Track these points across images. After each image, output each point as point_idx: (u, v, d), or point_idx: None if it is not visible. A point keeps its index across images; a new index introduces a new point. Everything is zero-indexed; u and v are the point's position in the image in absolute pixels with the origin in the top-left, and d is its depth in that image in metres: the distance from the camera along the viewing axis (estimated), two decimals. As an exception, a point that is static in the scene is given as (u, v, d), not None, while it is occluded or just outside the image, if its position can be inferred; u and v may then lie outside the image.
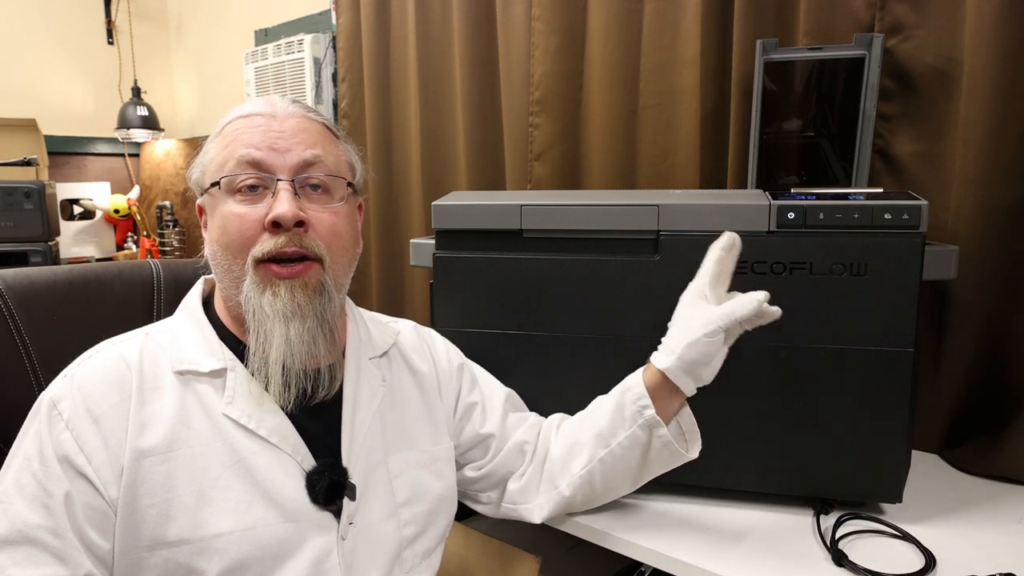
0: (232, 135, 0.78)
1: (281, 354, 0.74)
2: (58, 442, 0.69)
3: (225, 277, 0.77)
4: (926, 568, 0.80)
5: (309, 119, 0.81)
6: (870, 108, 1.12)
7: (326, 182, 0.79)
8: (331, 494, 0.75)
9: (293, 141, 0.77)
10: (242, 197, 0.76)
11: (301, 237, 0.75)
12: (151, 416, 0.72)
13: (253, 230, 0.75)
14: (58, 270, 0.95)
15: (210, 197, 0.79)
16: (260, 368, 0.75)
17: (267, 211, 0.75)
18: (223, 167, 0.77)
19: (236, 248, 0.75)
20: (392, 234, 1.95)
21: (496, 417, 0.94)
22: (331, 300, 0.78)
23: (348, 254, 0.81)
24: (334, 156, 0.81)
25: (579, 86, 1.51)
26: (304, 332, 0.74)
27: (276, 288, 0.74)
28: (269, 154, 0.76)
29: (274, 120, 0.78)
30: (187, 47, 3.00)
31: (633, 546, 0.88)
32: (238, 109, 0.81)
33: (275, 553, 0.72)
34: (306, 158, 0.77)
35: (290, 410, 0.76)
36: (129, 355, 0.75)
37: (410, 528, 0.82)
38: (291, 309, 0.74)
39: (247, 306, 0.75)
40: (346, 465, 0.78)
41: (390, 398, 0.86)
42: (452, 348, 0.99)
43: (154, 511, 0.69)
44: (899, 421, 0.89)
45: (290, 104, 0.81)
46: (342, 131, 0.86)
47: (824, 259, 0.89)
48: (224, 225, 0.76)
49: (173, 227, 2.91)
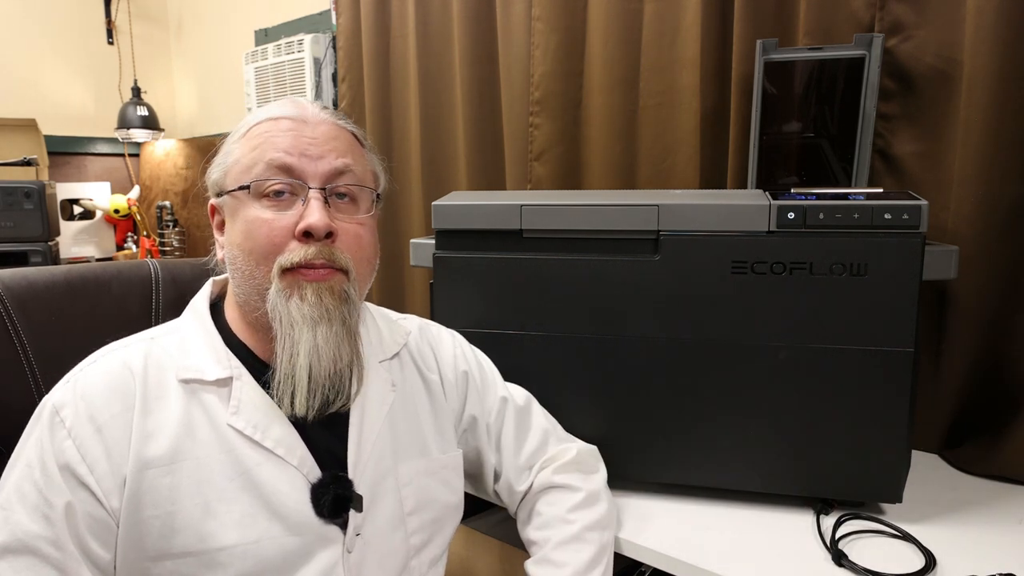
0: (261, 137, 0.76)
1: (309, 360, 0.72)
2: (60, 451, 0.68)
3: (245, 283, 0.75)
4: (926, 568, 0.80)
5: (339, 127, 0.79)
6: (870, 108, 1.12)
7: (354, 192, 0.78)
8: (336, 507, 0.74)
9: (325, 148, 0.75)
10: (269, 202, 0.74)
11: (331, 249, 0.74)
12: (155, 426, 0.71)
13: (282, 237, 0.73)
14: (56, 270, 0.95)
15: (232, 199, 0.76)
16: (288, 376, 0.73)
17: (296, 219, 0.73)
18: (251, 170, 0.75)
19: (261, 255, 0.73)
20: (392, 234, 1.95)
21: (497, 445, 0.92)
22: (355, 308, 0.76)
23: (370, 265, 0.80)
24: (362, 166, 0.79)
25: (579, 86, 1.51)
26: (331, 336, 0.73)
27: (303, 291, 0.73)
28: (301, 160, 0.74)
29: (305, 125, 0.76)
30: (187, 47, 3.00)
31: (633, 546, 0.88)
32: (264, 111, 0.79)
33: (280, 567, 0.71)
34: (337, 167, 0.75)
35: (307, 419, 0.74)
36: (133, 362, 0.74)
37: (417, 537, 0.81)
38: (319, 313, 0.72)
39: (273, 314, 0.73)
40: (352, 476, 0.76)
41: (400, 403, 0.84)
42: (461, 351, 0.95)
43: (158, 522, 0.69)
44: (899, 421, 0.89)
45: (320, 110, 0.79)
46: (368, 140, 0.85)
47: (824, 259, 0.88)
48: (249, 230, 0.74)
49: (173, 227, 2.91)
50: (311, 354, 0.72)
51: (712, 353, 0.94)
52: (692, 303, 0.93)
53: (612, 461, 0.97)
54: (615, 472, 0.97)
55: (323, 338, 0.73)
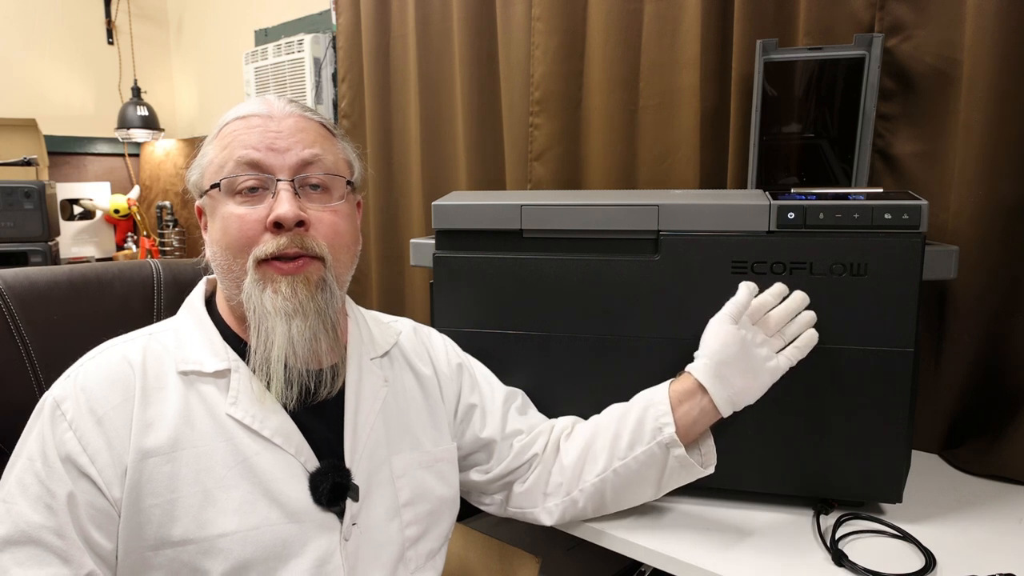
0: (230, 136, 0.78)
1: (283, 352, 0.74)
2: (61, 442, 0.69)
3: (226, 277, 0.78)
4: (926, 568, 0.80)
5: (306, 118, 0.81)
6: (870, 108, 1.12)
7: (325, 181, 0.79)
8: (334, 495, 0.75)
9: (291, 140, 0.77)
10: (242, 199, 0.76)
11: (303, 238, 0.76)
12: (155, 417, 0.72)
13: (254, 231, 0.75)
14: (58, 270, 0.95)
15: (210, 199, 0.79)
16: (262, 366, 0.75)
17: (268, 212, 0.75)
18: (222, 169, 0.77)
19: (237, 249, 0.76)
20: (392, 234, 1.95)
21: (496, 420, 0.94)
22: (333, 295, 0.78)
23: (349, 252, 0.82)
24: (332, 155, 0.81)
25: (579, 86, 1.51)
26: (306, 329, 0.75)
27: (277, 284, 0.74)
28: (268, 154, 0.76)
29: (271, 120, 0.78)
30: (187, 47, 3.00)
31: (633, 546, 0.88)
32: (235, 110, 0.81)
33: (279, 553, 0.72)
34: (304, 157, 0.77)
35: (292, 409, 0.76)
36: (132, 355, 0.76)
37: (413, 528, 0.82)
38: (293, 306, 0.74)
39: (248, 303, 0.75)
40: (349, 466, 0.78)
41: (392, 398, 0.86)
42: (451, 347, 0.98)
43: (158, 511, 0.70)
44: (899, 421, 0.89)
45: (287, 104, 0.81)
46: (339, 129, 0.87)
47: (824, 259, 0.89)
48: (225, 226, 0.76)
49: (173, 227, 2.91)
50: (286, 346, 0.74)
51: (712, 353, 0.94)
52: (692, 303, 0.93)
53: (612, 461, 0.97)
54: (615, 472, 0.97)
55: (298, 331, 0.74)
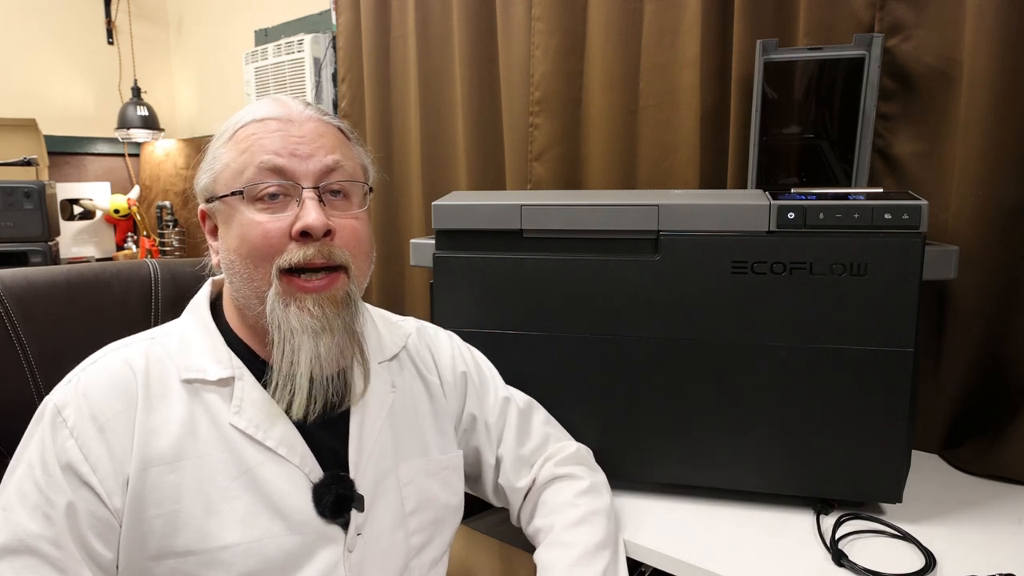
0: (248, 140, 0.75)
1: (310, 368, 0.72)
2: (62, 450, 0.68)
3: (244, 287, 0.74)
4: (926, 568, 0.80)
5: (324, 122, 0.78)
6: (870, 108, 1.12)
7: (347, 187, 0.77)
8: (338, 507, 0.74)
9: (313, 146, 0.75)
10: (263, 205, 0.73)
11: (329, 247, 0.73)
12: (158, 425, 0.71)
13: (279, 240, 0.72)
14: (56, 270, 0.95)
15: (224, 205, 0.75)
16: (286, 382, 0.73)
17: (292, 220, 0.72)
18: (241, 175, 0.74)
19: (259, 258, 0.73)
20: (392, 234, 1.95)
21: (495, 438, 0.92)
22: (358, 310, 0.76)
23: (368, 259, 0.80)
24: (351, 160, 0.79)
25: (579, 86, 1.51)
26: (333, 346, 0.73)
27: (302, 302, 0.72)
28: (291, 160, 0.73)
29: (292, 124, 0.75)
30: (187, 47, 3.00)
31: (633, 546, 0.88)
32: (248, 112, 0.78)
33: (282, 566, 0.71)
34: (328, 164, 0.75)
35: (307, 420, 0.74)
36: (135, 361, 0.74)
37: (418, 537, 0.81)
38: (321, 324, 0.72)
39: (271, 318, 0.72)
40: (354, 476, 0.76)
41: (400, 404, 0.84)
42: (458, 351, 0.95)
43: (160, 521, 0.69)
44: (899, 421, 0.89)
45: (304, 107, 0.78)
46: (354, 133, 0.84)
47: (824, 259, 0.88)
48: (245, 234, 0.73)
49: (173, 227, 2.91)
50: (313, 363, 0.72)
51: (712, 353, 0.94)
52: (692, 303, 0.93)
53: (612, 461, 0.97)
54: (615, 472, 0.97)
55: (326, 348, 0.73)
